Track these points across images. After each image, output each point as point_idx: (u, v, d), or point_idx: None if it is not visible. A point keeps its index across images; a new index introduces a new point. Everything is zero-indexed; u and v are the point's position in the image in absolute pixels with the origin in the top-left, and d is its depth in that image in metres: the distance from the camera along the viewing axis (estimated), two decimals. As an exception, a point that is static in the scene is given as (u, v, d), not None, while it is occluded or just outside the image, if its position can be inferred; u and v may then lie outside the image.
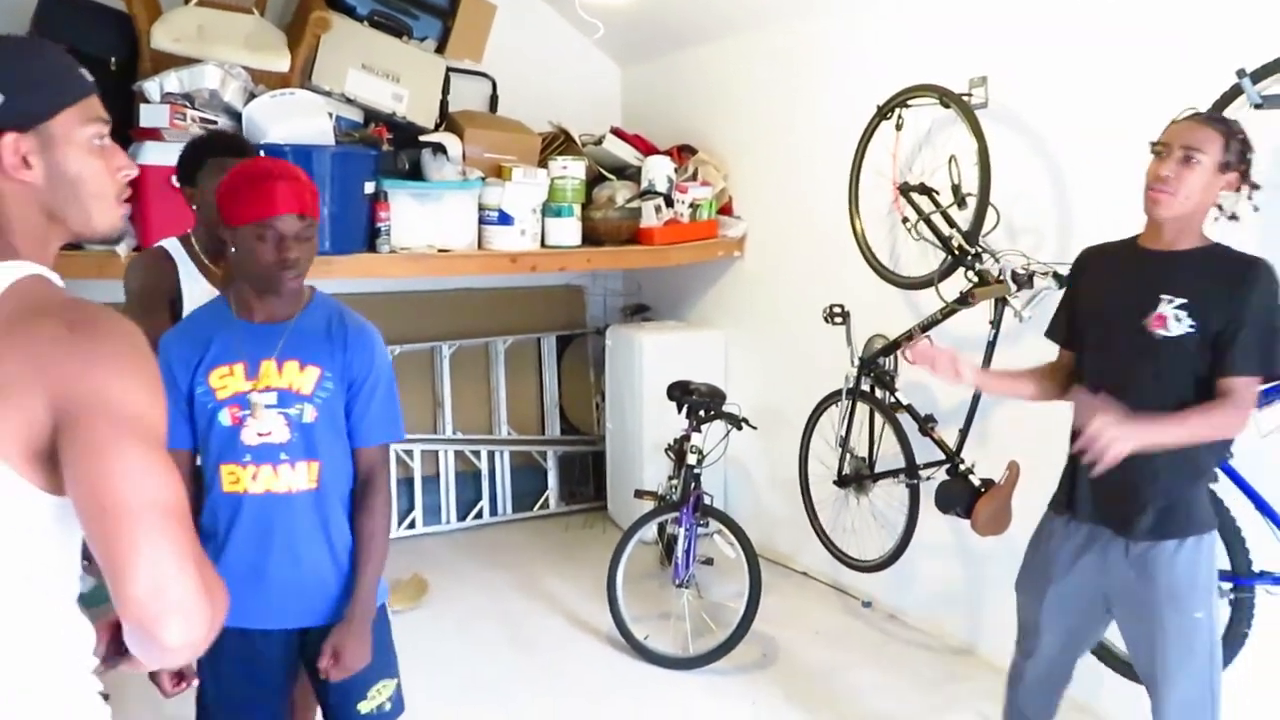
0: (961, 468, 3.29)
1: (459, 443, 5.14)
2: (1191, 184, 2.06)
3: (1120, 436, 1.97)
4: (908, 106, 3.46)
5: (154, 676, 1.96)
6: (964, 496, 3.22)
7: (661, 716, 3.36)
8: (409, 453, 5.01)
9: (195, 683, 1.99)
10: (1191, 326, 2.08)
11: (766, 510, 4.70)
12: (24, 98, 1.13)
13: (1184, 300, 2.09)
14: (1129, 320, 2.16)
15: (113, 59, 3.74)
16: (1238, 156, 2.08)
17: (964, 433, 3.31)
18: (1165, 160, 2.09)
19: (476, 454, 5.20)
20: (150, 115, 3.51)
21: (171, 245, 2.71)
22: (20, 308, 1.09)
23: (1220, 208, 2.27)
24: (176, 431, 1.94)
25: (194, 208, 2.66)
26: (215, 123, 3.65)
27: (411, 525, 5.00)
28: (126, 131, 3.65)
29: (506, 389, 5.29)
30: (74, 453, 1.04)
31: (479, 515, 5.17)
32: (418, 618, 4.05)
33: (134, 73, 3.78)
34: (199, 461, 2.02)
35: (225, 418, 1.93)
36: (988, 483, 3.22)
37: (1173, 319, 2.10)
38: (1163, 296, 2.11)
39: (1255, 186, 2.16)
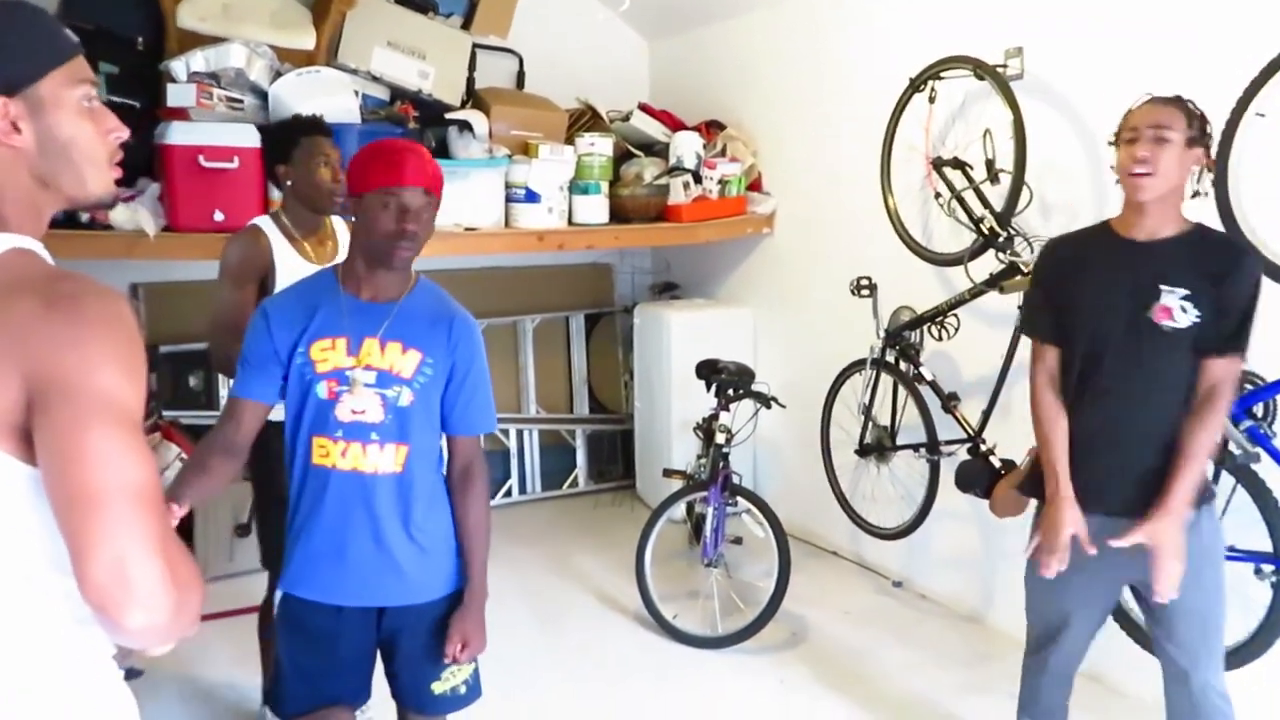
0: (983, 448, 3.24)
1: (488, 421, 5.14)
2: (1167, 162, 2.07)
3: (1179, 551, 2.05)
4: (941, 79, 3.39)
5: None
6: (984, 477, 3.18)
7: (688, 695, 3.36)
8: (438, 431, 5.02)
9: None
10: (1198, 316, 2.07)
11: (796, 489, 4.68)
12: (9, 61, 1.11)
13: (1186, 290, 2.08)
14: (1129, 314, 2.12)
15: (140, 39, 3.75)
16: (1200, 131, 2.11)
17: (987, 413, 3.26)
18: (1138, 143, 2.09)
19: (505, 432, 5.21)
20: (177, 95, 3.52)
21: (264, 223, 2.81)
22: (1, 282, 1.07)
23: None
24: (255, 384, 1.97)
25: (288, 183, 2.76)
26: (242, 102, 3.65)
27: (441, 503, 5.02)
28: (154, 111, 3.67)
29: (535, 367, 5.29)
30: (44, 433, 1.02)
31: (508, 494, 5.18)
32: (447, 595, 4.08)
33: (161, 52, 3.78)
34: (286, 430, 2.01)
35: (322, 390, 1.93)
36: (1008, 464, 3.17)
37: (1179, 309, 2.08)
38: (1163, 287, 2.09)
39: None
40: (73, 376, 1.02)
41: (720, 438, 3.80)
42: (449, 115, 4.06)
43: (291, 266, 2.69)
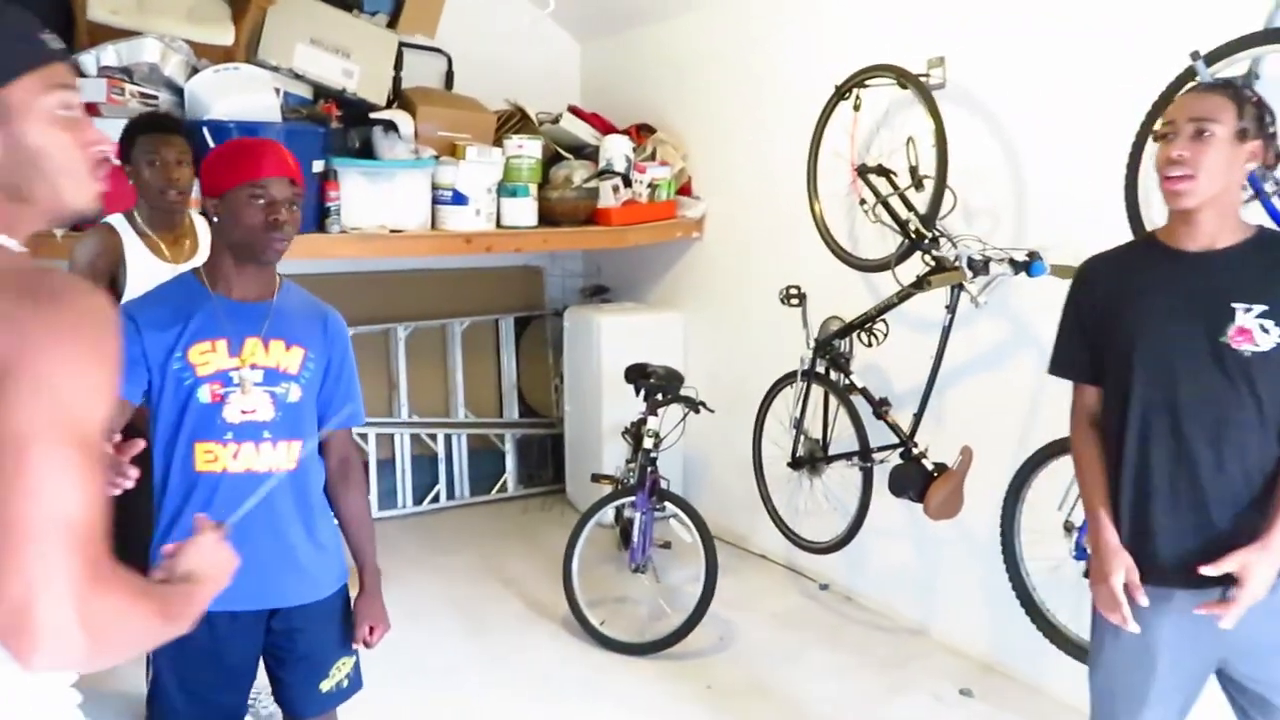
0: (915, 451, 3.28)
1: (415, 426, 5.08)
2: (1211, 161, 1.76)
3: (1262, 590, 1.76)
4: (865, 86, 3.43)
5: None
6: (917, 481, 3.22)
7: (615, 701, 3.34)
8: (364, 436, 4.94)
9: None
10: None
11: (725, 493, 4.68)
12: None
13: (1263, 307, 1.78)
14: (1198, 339, 1.81)
15: (48, 31, 3.60)
16: (1256, 122, 1.78)
17: (918, 417, 3.30)
18: (1174, 140, 1.79)
19: (433, 437, 5.13)
20: (87, 90, 3.38)
21: (117, 220, 2.82)
22: None
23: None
24: (126, 385, 1.89)
25: (133, 184, 2.80)
26: (155, 98, 3.54)
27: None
28: (63, 106, 3.54)
29: (464, 371, 5.22)
30: None
31: (435, 499, 5.11)
32: (371, 604, 3.99)
33: (70, 46, 3.64)
34: (154, 439, 1.95)
35: (204, 394, 1.88)
36: (940, 467, 3.22)
37: (1258, 330, 1.78)
38: (1235, 305, 1.79)
39: None
40: (29, 378, 0.94)
41: (648, 442, 3.79)
42: (374, 115, 3.98)
43: (144, 265, 2.72)
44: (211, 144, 3.58)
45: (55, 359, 0.95)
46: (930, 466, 3.23)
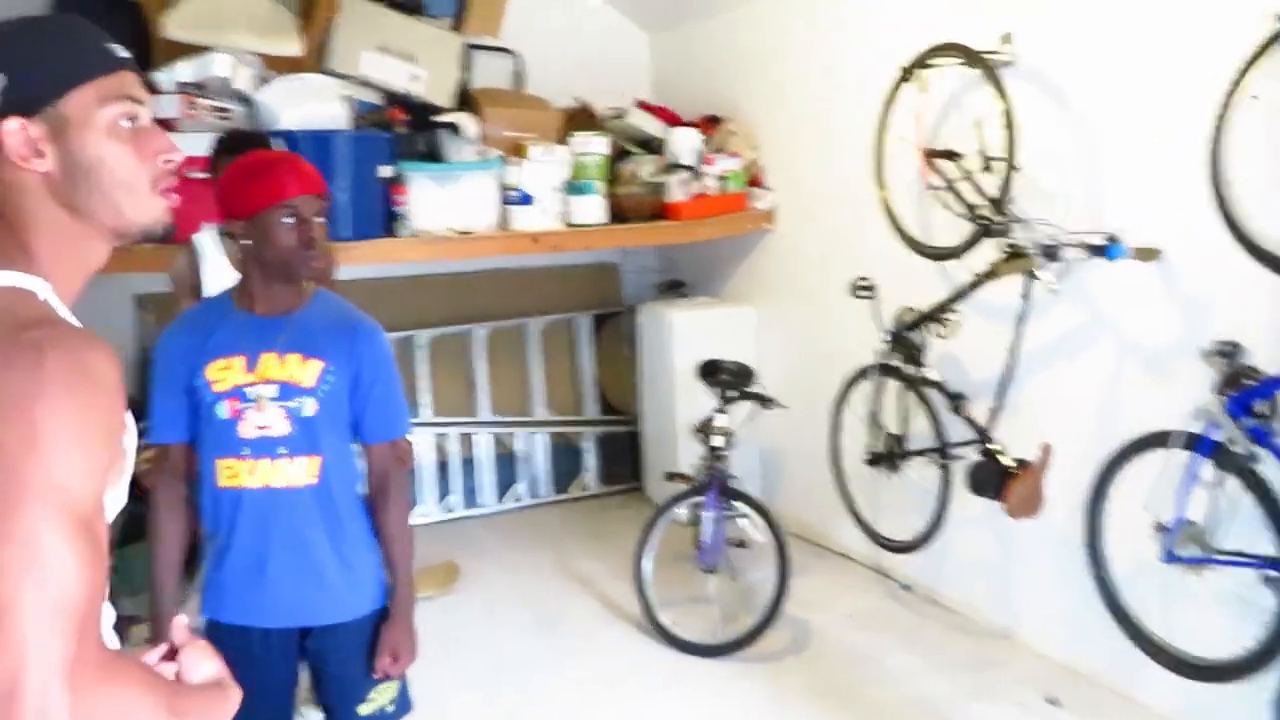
0: (992, 447, 3.13)
1: (495, 425, 5.12)
2: None
3: None
4: (931, 67, 3.29)
5: None
6: (995, 478, 3.07)
7: (685, 703, 3.29)
8: (444, 436, 5.00)
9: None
10: None
11: (804, 490, 4.58)
12: (28, 77, 1.00)
13: None
14: None
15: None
16: None
17: (995, 411, 3.15)
18: None
19: (513, 436, 5.17)
20: (162, 106, 3.51)
21: (199, 238, 2.85)
22: None
23: None
24: (171, 425, 1.95)
25: None
26: (228, 111, 3.64)
27: (449, 509, 4.99)
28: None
29: (543, 370, 5.23)
30: None
31: (516, 498, 5.14)
32: (449, 603, 4.04)
33: (147, 64, 3.77)
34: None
35: (223, 410, 1.89)
36: (1020, 463, 3.06)
37: None
38: None
39: None
40: (10, 444, 0.87)
41: (717, 440, 3.72)
42: (437, 118, 4.02)
43: (225, 283, 2.74)
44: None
45: (33, 419, 0.89)
46: (1009, 463, 3.09)
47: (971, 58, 3.08)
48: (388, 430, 2.01)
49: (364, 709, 2.03)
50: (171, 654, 1.15)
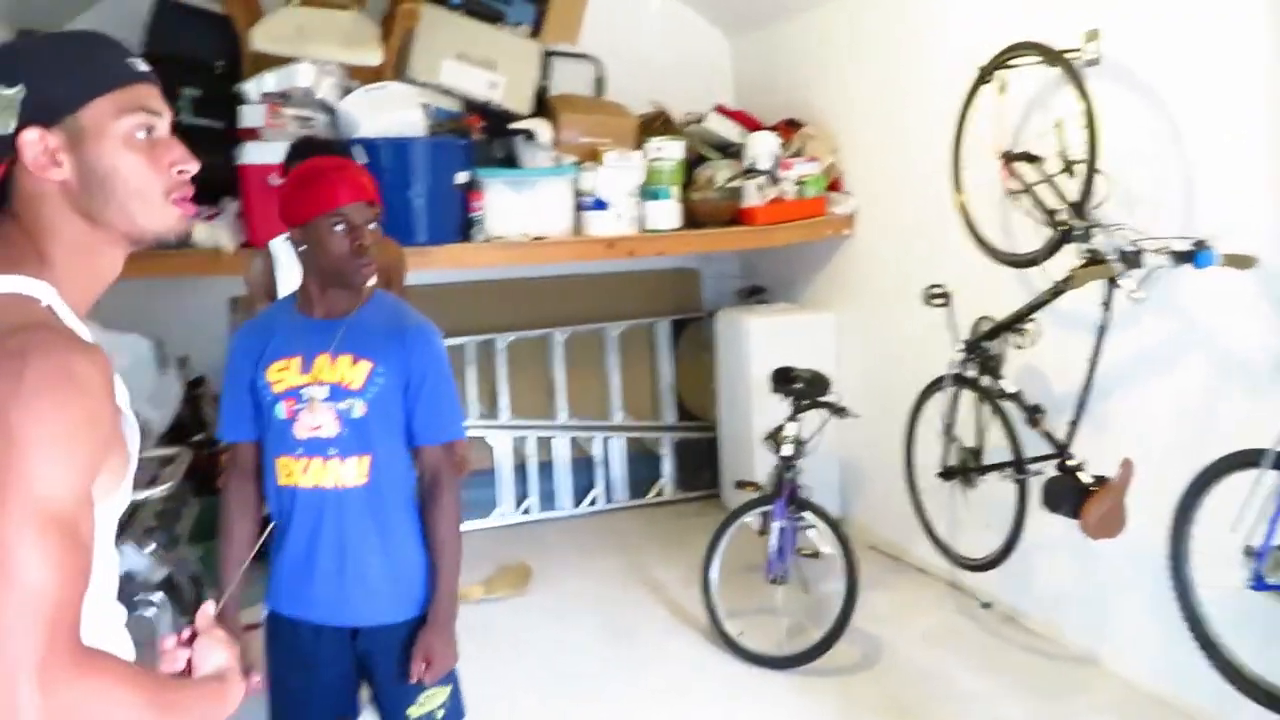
0: (1071, 463, 2.99)
1: (572, 429, 5.14)
2: None
3: None
4: (1009, 67, 3.17)
5: None
6: (1072, 495, 2.93)
7: (747, 714, 3.24)
8: (523, 439, 5.05)
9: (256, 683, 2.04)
10: None
11: (882, 502, 4.47)
12: (47, 88, 1.03)
13: None
14: None
15: (220, 63, 3.90)
16: None
17: (1073, 425, 3.01)
18: None
19: (590, 441, 5.18)
20: (249, 115, 3.64)
21: (275, 243, 2.93)
22: None
23: None
24: (238, 424, 2.03)
25: None
26: (311, 119, 3.75)
27: (526, 511, 5.04)
28: (235, 132, 3.81)
29: (620, 375, 5.24)
30: None
31: (592, 502, 5.15)
32: (520, 605, 4.08)
33: (239, 75, 3.92)
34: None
35: (281, 411, 1.96)
36: (1100, 480, 2.92)
37: None
38: None
39: None
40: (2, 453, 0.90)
41: (787, 449, 3.66)
42: (513, 125, 4.06)
43: (296, 280, 2.81)
44: (364, 162, 3.77)
45: (9, 425, 0.91)
46: (1088, 480, 2.94)
47: (1051, 57, 2.95)
48: (438, 432, 2.02)
49: (414, 711, 2.03)
50: (193, 640, 1.17)
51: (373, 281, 2.00)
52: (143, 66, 1.11)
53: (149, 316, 3.75)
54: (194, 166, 1.12)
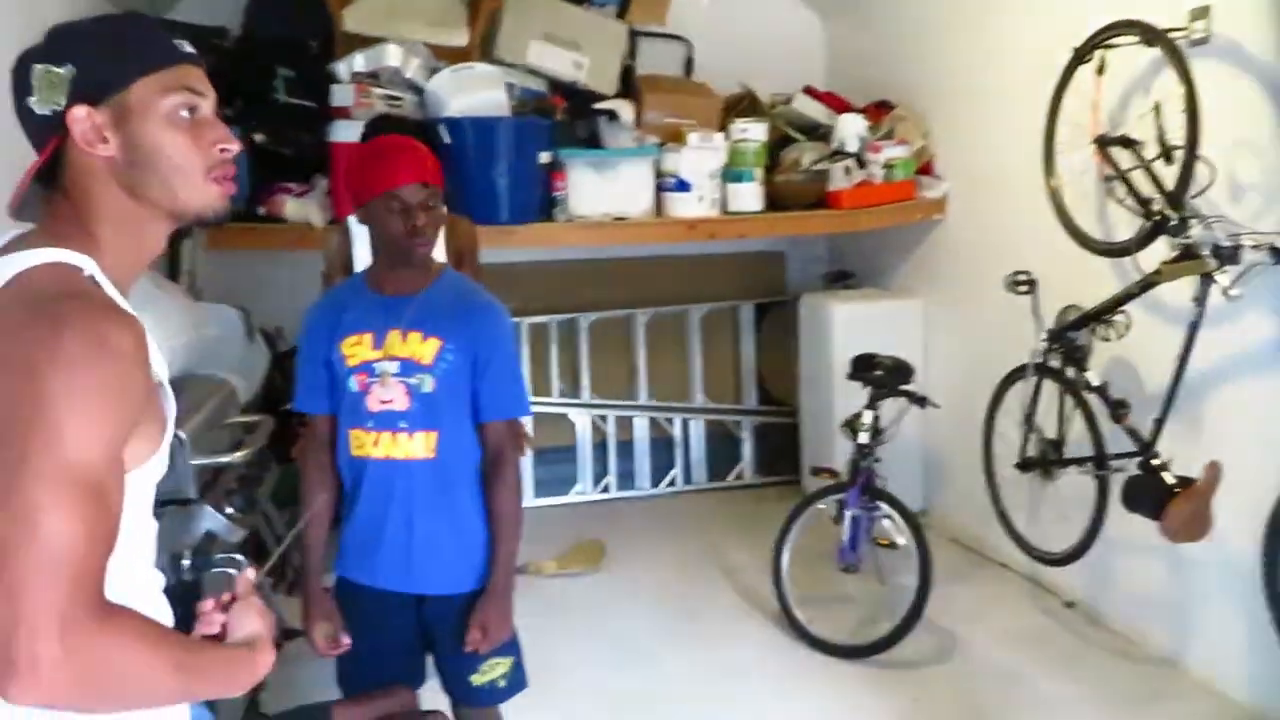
0: (1155, 462, 2.87)
1: (653, 410, 5.16)
2: None
3: None
4: (1108, 47, 3.02)
5: (308, 631, 2.11)
6: (1153, 496, 2.81)
7: (812, 704, 3.21)
8: (603, 418, 5.09)
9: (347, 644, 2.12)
10: None
11: (966, 494, 4.35)
12: (94, 68, 1.07)
13: None
14: None
15: (314, 43, 4.01)
16: None
17: (1159, 422, 2.88)
18: None
19: (670, 422, 5.19)
20: (339, 95, 3.74)
21: (353, 219, 2.96)
22: (11, 293, 1.01)
23: None
24: (313, 396, 2.10)
25: None
26: (399, 99, 3.83)
27: (605, 490, 5.08)
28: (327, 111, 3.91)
29: (702, 357, 5.23)
30: None
31: (671, 483, 5.16)
32: (592, 581, 4.12)
33: (332, 55, 4.02)
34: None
35: (354, 384, 2.02)
36: (1185, 481, 2.79)
37: None
38: None
39: None
40: (25, 412, 0.94)
41: (863, 437, 3.60)
42: (595, 105, 4.07)
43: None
44: (448, 141, 3.84)
45: (43, 387, 0.94)
46: (1171, 480, 2.81)
47: (1151, 36, 2.81)
48: (501, 409, 2.06)
49: (476, 680, 2.10)
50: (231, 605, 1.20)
51: (442, 259, 2.04)
52: (188, 48, 1.14)
53: (245, 289, 3.89)
54: (235, 147, 1.16)
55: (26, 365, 0.95)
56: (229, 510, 2.35)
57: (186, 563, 2.02)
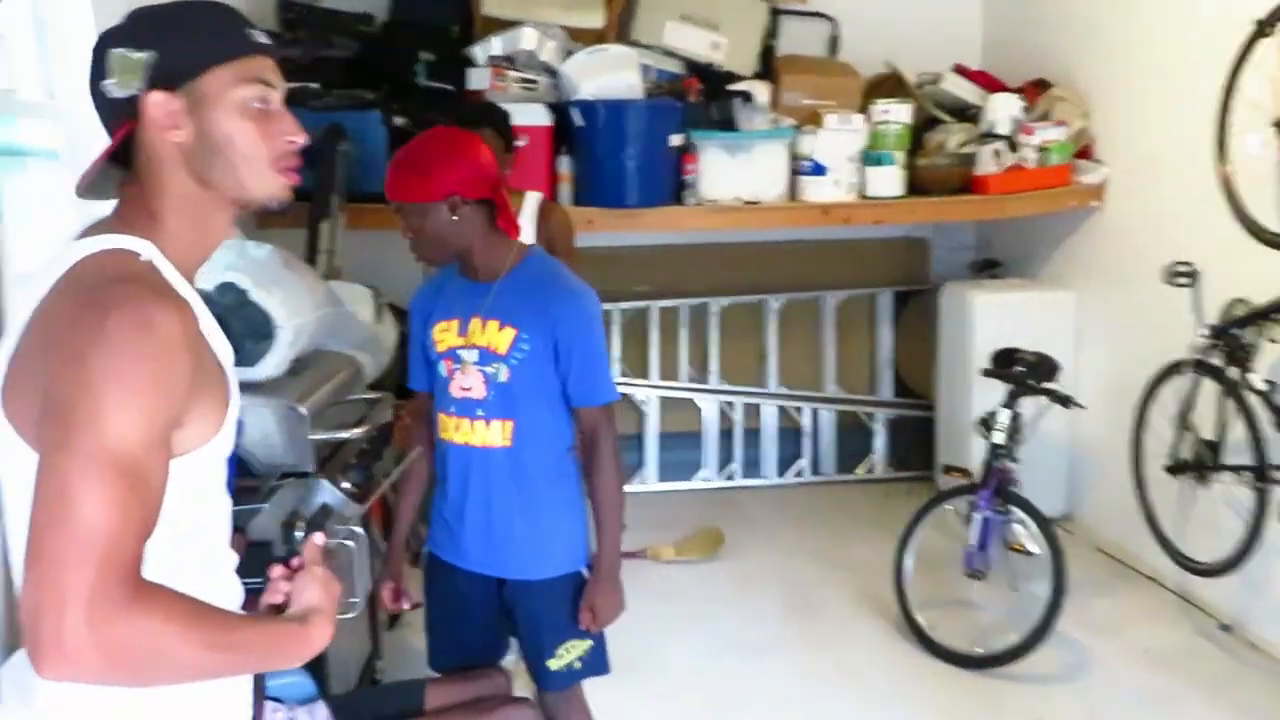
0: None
1: (782, 398, 5.06)
2: None
3: None
4: (1292, 19, 2.73)
5: (377, 587, 2.20)
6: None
7: (925, 711, 3.08)
8: (730, 405, 5.03)
9: (410, 605, 2.20)
10: None
11: (1115, 501, 4.06)
12: (173, 54, 1.10)
13: None
14: None
15: (455, 28, 4.08)
16: None
17: (1330, 435, 2.60)
18: None
19: (800, 411, 5.08)
20: (475, 78, 3.80)
21: None
22: (71, 278, 1.05)
23: None
24: (418, 375, 2.17)
25: None
26: (534, 82, 3.85)
27: (730, 477, 5.02)
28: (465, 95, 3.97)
29: (836, 345, 5.09)
30: (39, 443, 0.99)
31: (799, 474, 5.06)
32: (708, 570, 4.08)
33: (471, 39, 4.08)
34: None
35: (442, 369, 2.06)
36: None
37: None
38: None
39: None
40: (69, 393, 0.97)
41: (998, 436, 3.41)
42: (730, 87, 3.99)
43: None
44: (582, 123, 3.84)
45: (88, 374, 0.97)
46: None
47: (1340, 6, 2.52)
48: (588, 396, 2.05)
49: (553, 664, 2.11)
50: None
51: (530, 240, 2.03)
52: (263, 39, 1.16)
53: (381, 269, 4.01)
54: (302, 138, 1.18)
55: (74, 347, 0.98)
56: (345, 485, 2.42)
57: (300, 534, 2.09)
